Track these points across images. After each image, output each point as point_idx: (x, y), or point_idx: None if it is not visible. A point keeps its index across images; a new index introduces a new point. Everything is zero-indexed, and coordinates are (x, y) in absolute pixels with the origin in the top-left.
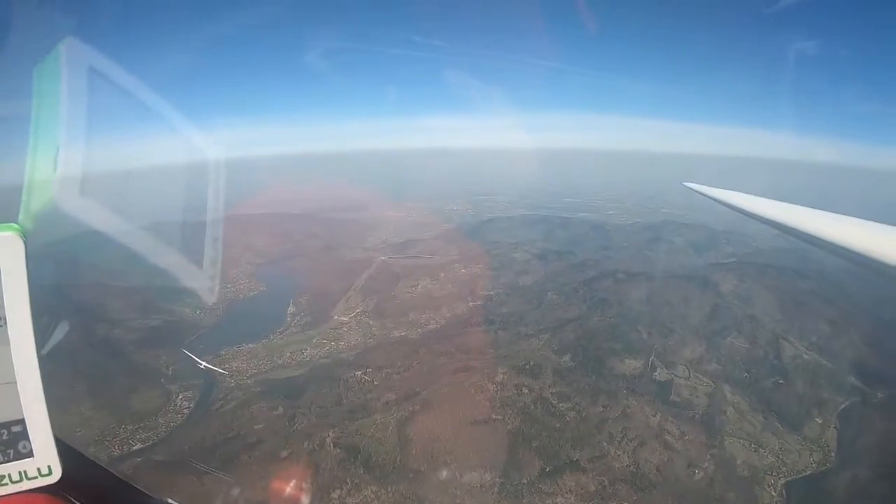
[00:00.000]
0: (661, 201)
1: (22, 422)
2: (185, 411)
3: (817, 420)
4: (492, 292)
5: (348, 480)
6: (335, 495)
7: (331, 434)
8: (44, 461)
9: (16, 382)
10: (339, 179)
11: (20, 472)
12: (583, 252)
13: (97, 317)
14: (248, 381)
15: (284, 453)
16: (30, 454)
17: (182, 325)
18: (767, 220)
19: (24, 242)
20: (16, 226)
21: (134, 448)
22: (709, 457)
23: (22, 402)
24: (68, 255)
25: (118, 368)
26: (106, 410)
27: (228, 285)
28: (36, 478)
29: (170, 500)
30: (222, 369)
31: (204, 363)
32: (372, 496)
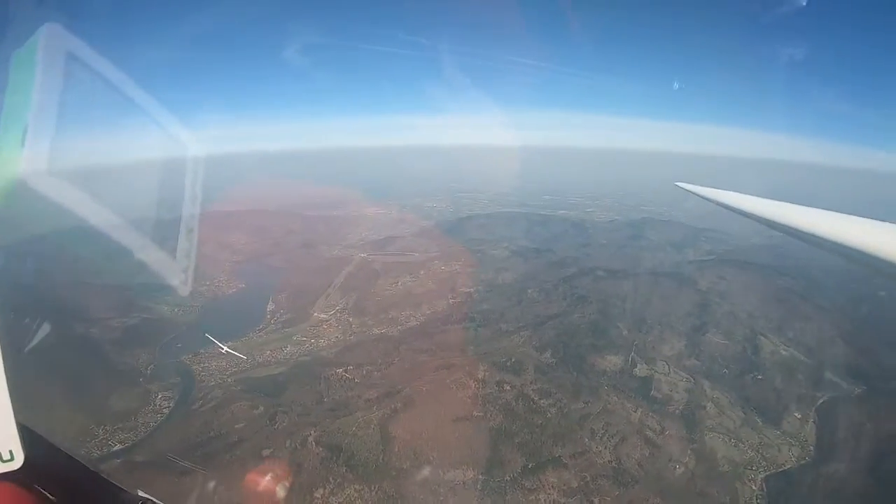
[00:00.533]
0: (640, 199)
1: None
2: (165, 411)
3: (796, 415)
4: (472, 289)
5: (331, 479)
6: (318, 494)
7: (313, 433)
8: (4, 447)
9: None
10: (318, 176)
11: None
12: (562, 249)
13: (74, 316)
14: (229, 380)
15: (266, 452)
16: None
17: (160, 324)
18: (761, 218)
19: None
20: None
21: (114, 449)
22: (689, 452)
23: None
24: (43, 252)
25: (96, 368)
26: (85, 411)
27: (207, 283)
28: None
29: (140, 493)
30: (201, 368)
31: (226, 347)
32: (355, 495)
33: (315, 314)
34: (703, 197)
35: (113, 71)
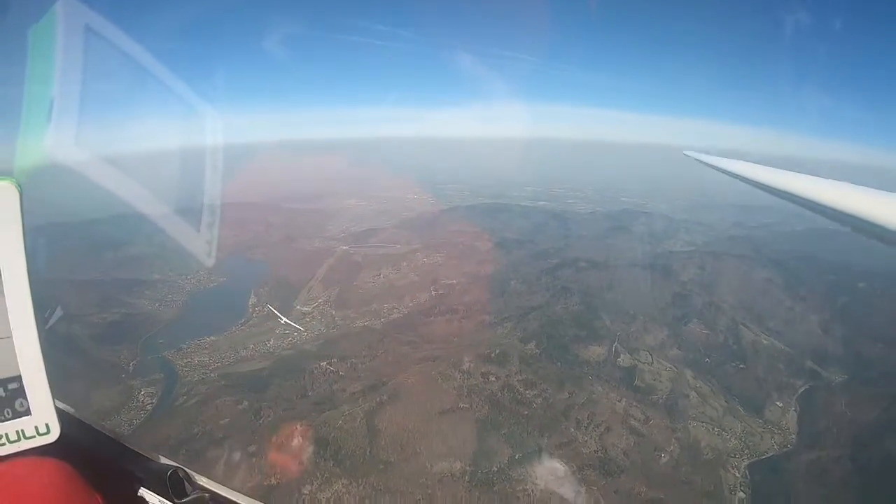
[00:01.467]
0: (620, 190)
1: (18, 378)
2: (149, 407)
3: (777, 403)
4: (454, 281)
5: (318, 474)
6: (306, 490)
7: (299, 428)
8: (41, 419)
9: (11, 337)
10: (298, 169)
11: (17, 432)
12: (544, 241)
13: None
14: (212, 375)
15: (252, 448)
16: (27, 412)
17: (142, 319)
18: (767, 187)
19: (20, 193)
20: (11, 178)
21: None
22: (674, 441)
23: (18, 359)
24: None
25: (78, 365)
26: (79, 406)
27: (188, 277)
28: (34, 437)
29: (173, 463)
30: (184, 364)
31: (284, 319)
32: (343, 490)
33: (297, 307)
34: (710, 165)
35: (130, 43)
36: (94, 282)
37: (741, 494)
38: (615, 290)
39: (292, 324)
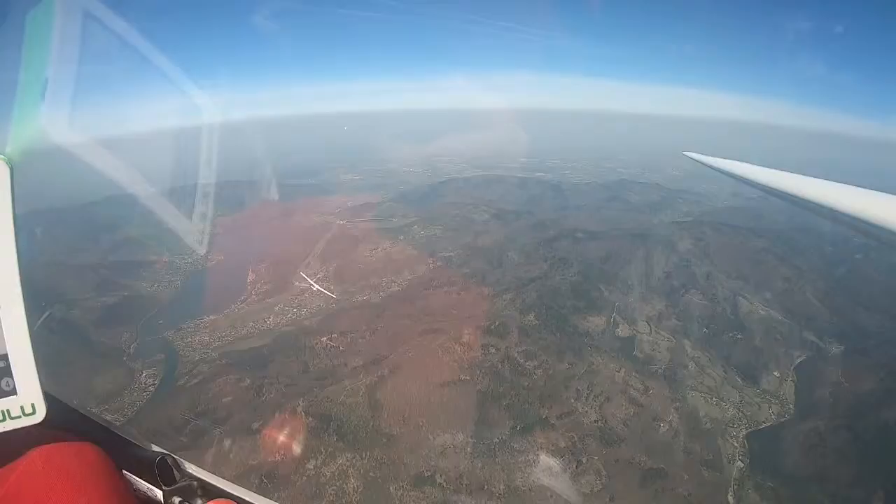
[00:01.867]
0: (616, 161)
1: (5, 357)
2: (151, 389)
3: (775, 374)
4: (452, 253)
5: (322, 449)
6: (310, 465)
7: (301, 403)
8: (27, 399)
9: None
10: (291, 144)
11: (3, 412)
12: (541, 211)
13: (53, 298)
14: (213, 354)
15: (255, 426)
16: (13, 392)
17: (140, 301)
18: (768, 188)
19: (11, 170)
20: (2, 155)
21: None
22: (673, 410)
23: (5, 336)
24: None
25: (77, 350)
26: (68, 395)
27: (185, 257)
28: (19, 417)
29: (162, 450)
30: (184, 344)
31: (316, 285)
32: (347, 464)
33: (296, 283)
34: (710, 166)
35: (125, 25)
36: (90, 266)
37: (739, 464)
38: (613, 261)
39: (324, 290)
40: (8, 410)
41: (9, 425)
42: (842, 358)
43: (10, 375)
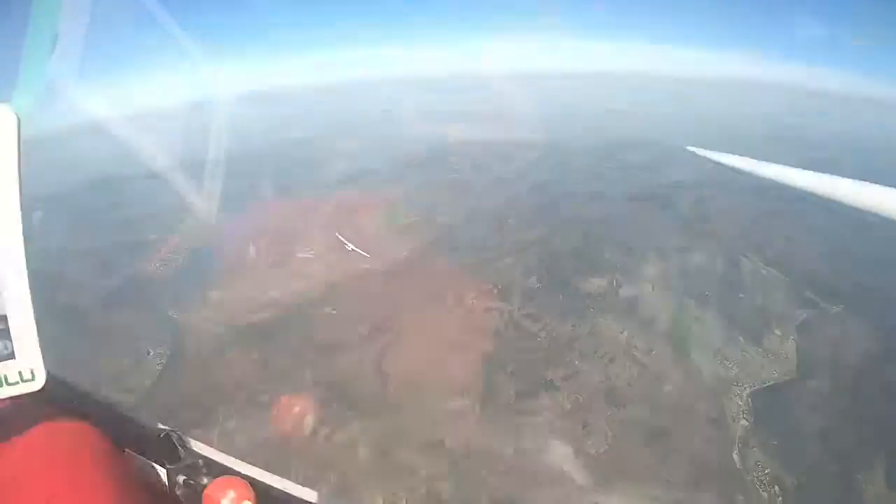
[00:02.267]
0: (616, 121)
1: (4, 318)
2: (159, 367)
3: (776, 333)
4: (453, 219)
5: (331, 418)
6: (322, 434)
7: (309, 374)
8: (26, 364)
9: None
10: (286, 115)
11: (0, 377)
12: (540, 174)
13: (55, 284)
14: (220, 329)
15: (264, 399)
16: (11, 356)
17: (144, 281)
18: (772, 182)
19: (18, 119)
20: (9, 103)
21: None
22: (676, 370)
23: (4, 297)
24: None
25: (83, 333)
26: (77, 379)
27: (187, 234)
28: (17, 383)
29: (165, 427)
30: (189, 320)
31: (351, 245)
32: (358, 432)
33: (298, 254)
34: (713, 161)
35: None
36: (93, 249)
37: (744, 422)
38: (614, 222)
39: (358, 250)
40: (5, 376)
41: (6, 392)
42: (843, 317)
43: (9, 338)
